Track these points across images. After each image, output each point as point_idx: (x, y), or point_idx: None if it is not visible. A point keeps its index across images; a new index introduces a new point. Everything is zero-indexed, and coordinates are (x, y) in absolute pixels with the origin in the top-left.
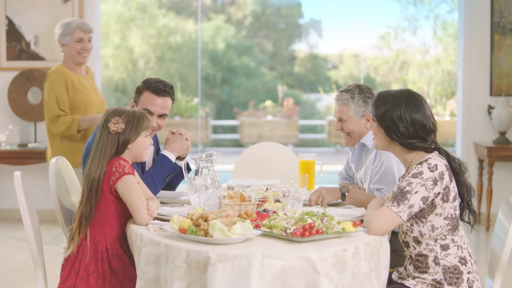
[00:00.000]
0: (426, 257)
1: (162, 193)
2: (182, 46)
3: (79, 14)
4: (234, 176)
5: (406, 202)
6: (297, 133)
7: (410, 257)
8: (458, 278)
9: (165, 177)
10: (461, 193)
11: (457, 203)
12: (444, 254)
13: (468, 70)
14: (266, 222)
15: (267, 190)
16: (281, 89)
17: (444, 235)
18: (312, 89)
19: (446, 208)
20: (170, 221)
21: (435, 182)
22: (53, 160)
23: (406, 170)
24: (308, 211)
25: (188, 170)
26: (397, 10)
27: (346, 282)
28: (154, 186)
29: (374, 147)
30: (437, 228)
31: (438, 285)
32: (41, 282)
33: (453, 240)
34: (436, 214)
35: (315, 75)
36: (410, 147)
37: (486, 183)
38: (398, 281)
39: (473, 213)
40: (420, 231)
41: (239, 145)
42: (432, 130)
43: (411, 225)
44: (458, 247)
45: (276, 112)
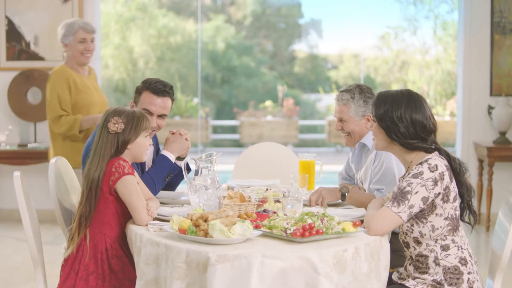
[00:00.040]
0: (426, 257)
1: (162, 193)
2: (182, 46)
3: (79, 14)
4: (234, 176)
5: (406, 202)
6: (297, 133)
7: (410, 257)
8: (458, 279)
9: (165, 177)
10: (461, 193)
11: (457, 204)
12: (444, 255)
13: (468, 70)
14: (266, 222)
15: (267, 190)
16: (281, 89)
17: (444, 236)
18: (312, 89)
19: (446, 208)
20: (170, 221)
21: (436, 183)
22: (52, 160)
23: (406, 171)
24: (308, 212)
25: (188, 170)
26: (397, 10)
27: (346, 282)
28: (154, 187)
29: (374, 148)
30: (437, 228)
31: (438, 285)
32: (40, 282)
33: (453, 240)
34: (436, 214)
35: (315, 75)
36: (410, 148)
37: (486, 183)
38: (398, 281)
39: (473, 213)
40: (420, 232)
41: (239, 145)
42: (432, 130)
43: (411, 225)
44: (459, 248)
45: (276, 112)
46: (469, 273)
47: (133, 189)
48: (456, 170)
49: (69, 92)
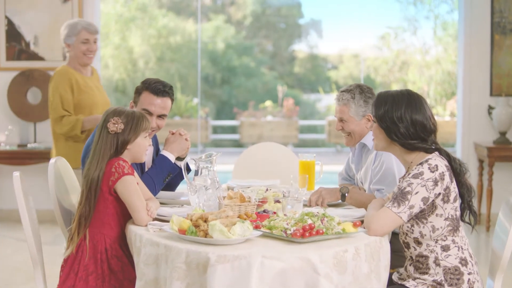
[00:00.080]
0: (426, 258)
1: (161, 193)
2: (182, 46)
3: (79, 14)
4: (234, 176)
5: (407, 202)
6: (297, 133)
7: (411, 258)
8: (458, 279)
9: (164, 177)
10: (461, 193)
11: (457, 204)
12: (444, 255)
13: (468, 70)
14: (266, 223)
15: (267, 190)
16: (281, 89)
17: (444, 236)
18: (312, 89)
19: (446, 208)
20: (169, 221)
21: (436, 183)
22: (52, 160)
23: (407, 171)
24: (308, 212)
25: (187, 170)
26: (397, 10)
27: (347, 283)
28: (153, 187)
29: (374, 148)
30: (437, 229)
31: (438, 286)
32: (40, 282)
33: (453, 241)
34: (436, 214)
35: (315, 75)
36: (410, 148)
37: (486, 184)
38: (399, 282)
39: (473, 213)
40: (420, 232)
41: (239, 145)
42: (432, 130)
43: (412, 225)
44: (459, 248)
45: (276, 112)
46: (469, 273)
47: (132, 189)
48: (456, 170)
49: (71, 92)
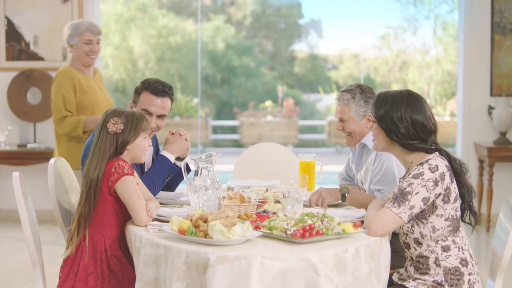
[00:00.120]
0: (427, 258)
1: (161, 194)
2: (182, 46)
3: (79, 14)
4: (234, 176)
5: (407, 203)
6: (297, 133)
7: (411, 258)
8: (459, 280)
9: (164, 177)
10: (462, 194)
11: (458, 204)
12: (445, 256)
13: (468, 70)
14: (266, 223)
15: (267, 191)
16: (281, 89)
17: (445, 236)
18: (312, 89)
19: (447, 209)
20: (169, 222)
21: (436, 183)
22: (52, 161)
23: (407, 171)
24: (308, 212)
25: (187, 170)
26: (397, 10)
27: (347, 283)
28: (153, 187)
29: (374, 148)
30: (438, 229)
31: (439, 286)
32: (39, 283)
33: (454, 241)
34: (437, 215)
35: (315, 76)
36: (410, 148)
37: (487, 184)
38: (399, 282)
39: (474, 214)
40: (421, 232)
41: (239, 145)
42: (432, 130)
43: (412, 226)
44: (459, 249)
45: (276, 112)
46: (469, 274)
47: (132, 189)
48: (456, 170)
49: (74, 92)
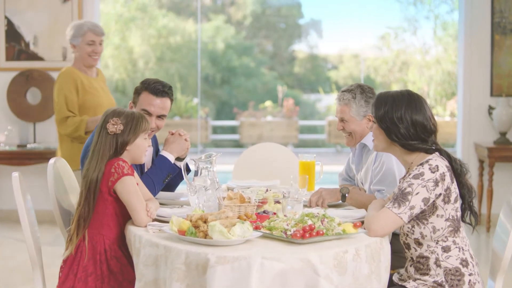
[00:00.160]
0: (427, 259)
1: (161, 194)
2: (182, 47)
3: (79, 14)
4: (234, 177)
5: (407, 203)
6: (297, 133)
7: (411, 259)
8: (459, 280)
9: (164, 178)
10: (462, 194)
11: (458, 205)
12: (445, 256)
13: (468, 70)
14: (266, 223)
15: (267, 191)
16: (281, 89)
17: (445, 237)
18: (312, 89)
19: (447, 209)
20: (169, 222)
21: (436, 183)
22: (51, 161)
23: (407, 172)
24: (308, 213)
25: (187, 171)
26: (397, 10)
27: (347, 284)
28: (153, 187)
29: (374, 149)
30: (438, 229)
31: (439, 287)
32: (39, 283)
33: (454, 241)
34: (437, 215)
35: (315, 76)
36: (410, 149)
37: (487, 184)
38: (399, 283)
39: (474, 214)
40: (421, 233)
41: (239, 145)
42: (432, 131)
43: (412, 226)
44: (460, 249)
45: (276, 112)
46: (470, 274)
47: (132, 189)
48: (457, 171)
49: (76, 93)
